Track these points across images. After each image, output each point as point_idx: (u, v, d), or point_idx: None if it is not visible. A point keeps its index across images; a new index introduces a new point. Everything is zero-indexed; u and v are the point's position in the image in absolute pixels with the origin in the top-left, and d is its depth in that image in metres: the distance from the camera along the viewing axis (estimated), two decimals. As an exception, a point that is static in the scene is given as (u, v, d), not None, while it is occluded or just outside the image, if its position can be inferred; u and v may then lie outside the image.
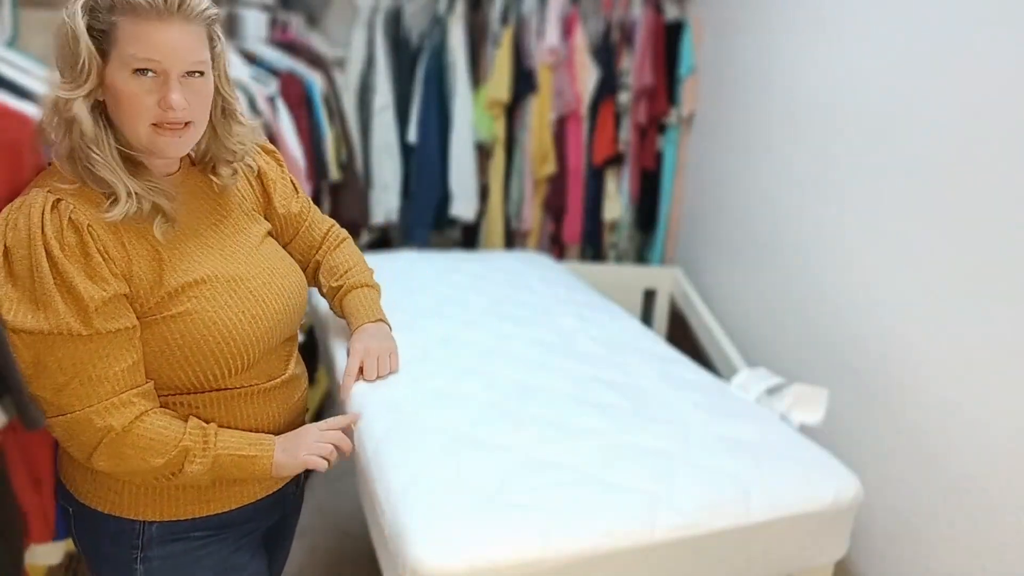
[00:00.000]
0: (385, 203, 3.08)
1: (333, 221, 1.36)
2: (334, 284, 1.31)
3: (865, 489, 1.19)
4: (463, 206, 3.07)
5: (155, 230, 0.98)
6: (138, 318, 0.97)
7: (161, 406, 1.02)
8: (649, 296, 3.01)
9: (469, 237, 3.27)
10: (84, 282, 0.91)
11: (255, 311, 1.05)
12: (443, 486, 1.05)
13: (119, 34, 0.92)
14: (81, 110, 0.93)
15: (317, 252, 1.31)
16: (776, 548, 1.12)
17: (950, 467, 1.29)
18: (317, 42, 2.95)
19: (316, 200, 2.69)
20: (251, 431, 1.09)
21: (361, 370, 1.24)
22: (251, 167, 1.18)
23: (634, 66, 2.97)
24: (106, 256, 0.94)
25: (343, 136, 2.79)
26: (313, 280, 1.33)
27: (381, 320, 1.31)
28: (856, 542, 1.46)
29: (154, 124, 0.96)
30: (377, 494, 1.06)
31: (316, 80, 2.59)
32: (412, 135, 2.99)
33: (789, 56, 2.06)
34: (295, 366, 1.18)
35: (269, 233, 1.19)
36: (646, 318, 3.01)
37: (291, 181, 1.26)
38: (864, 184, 1.61)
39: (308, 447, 1.11)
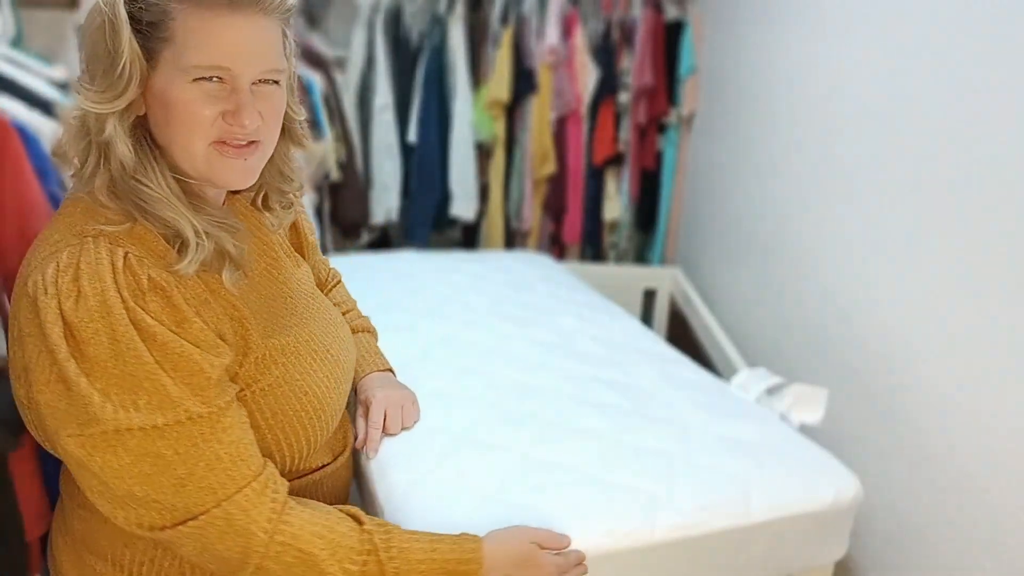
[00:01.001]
0: (385, 203, 3.07)
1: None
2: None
3: (865, 489, 1.19)
4: (463, 206, 3.07)
5: (225, 280, 0.78)
6: None
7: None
8: (649, 296, 3.01)
9: (469, 237, 3.27)
10: (194, 351, 0.72)
11: (336, 373, 0.89)
12: (443, 486, 1.05)
13: (175, 28, 0.72)
14: (117, 131, 0.73)
15: (323, 291, 1.11)
16: (776, 548, 1.12)
17: (950, 467, 1.28)
18: (317, 42, 2.95)
19: (316, 200, 2.69)
20: None
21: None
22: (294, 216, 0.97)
23: (634, 66, 2.97)
24: (199, 314, 0.75)
25: (343, 136, 2.79)
26: None
27: (390, 370, 1.15)
28: (856, 542, 1.46)
29: (215, 142, 0.76)
30: (377, 494, 1.06)
31: (316, 80, 2.59)
32: (412, 135, 2.99)
33: (789, 56, 2.06)
34: (350, 435, 1.02)
35: None
36: (646, 318, 3.01)
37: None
38: (864, 184, 1.61)
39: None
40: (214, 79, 0.74)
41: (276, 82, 0.79)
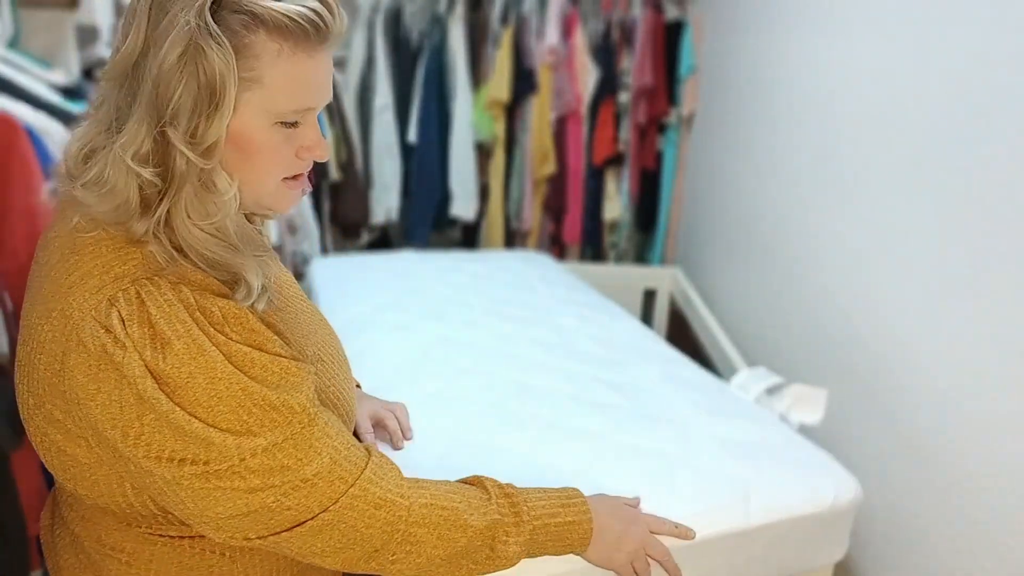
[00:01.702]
0: (385, 203, 3.08)
1: None
2: None
3: (865, 489, 1.19)
4: (463, 206, 3.07)
5: (258, 306, 0.73)
6: None
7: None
8: (649, 296, 3.01)
9: (469, 237, 3.27)
10: (284, 362, 0.71)
11: (349, 375, 0.89)
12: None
13: (263, 69, 0.66)
14: (223, 177, 0.68)
15: None
16: (776, 550, 1.12)
17: (950, 467, 1.28)
18: (317, 42, 2.95)
19: (316, 200, 2.69)
20: None
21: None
22: None
23: (634, 66, 2.97)
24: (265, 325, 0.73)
25: (343, 136, 2.79)
26: None
27: (357, 384, 1.12)
28: (856, 542, 1.46)
29: (287, 177, 0.74)
30: (377, 495, 1.06)
31: (316, 80, 2.59)
32: (412, 135, 2.99)
33: (789, 56, 2.06)
34: None
35: None
36: (646, 318, 3.01)
37: None
38: (864, 184, 1.61)
39: (634, 544, 0.90)
40: (296, 123, 0.71)
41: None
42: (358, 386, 1.13)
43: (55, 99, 1.25)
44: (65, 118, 1.21)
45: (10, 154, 1.03)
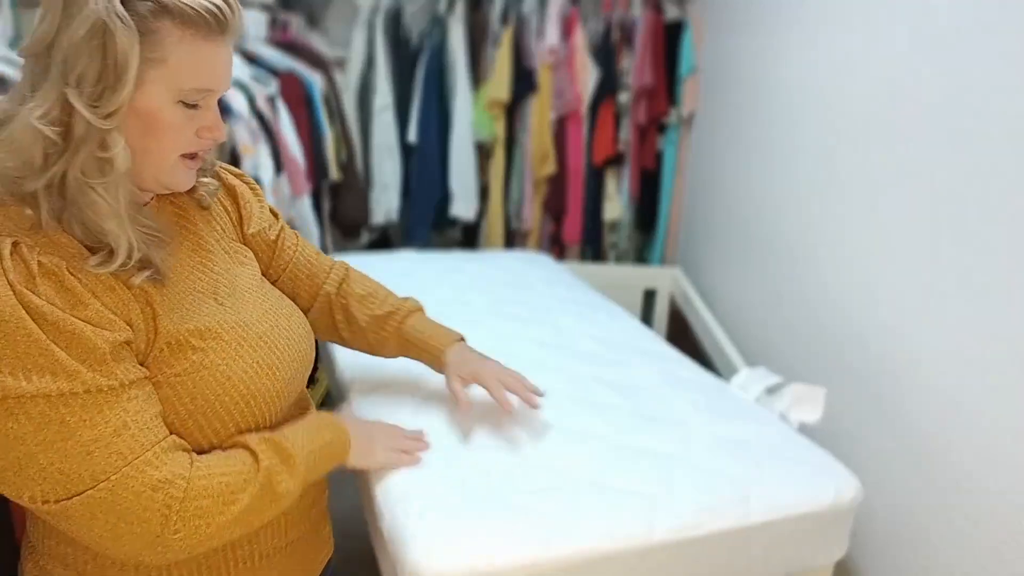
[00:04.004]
0: (385, 203, 3.08)
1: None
2: (382, 311, 1.16)
3: (865, 489, 1.19)
4: (463, 206, 3.07)
5: (134, 282, 0.79)
6: None
7: None
8: (649, 296, 3.01)
9: (469, 237, 3.27)
10: (85, 328, 0.72)
11: (270, 360, 0.89)
12: (442, 488, 1.05)
13: (168, 50, 0.74)
14: (119, 141, 0.74)
15: (326, 282, 1.14)
16: (776, 549, 1.12)
17: (950, 467, 1.28)
18: (317, 42, 2.95)
19: (316, 200, 2.69)
20: (297, 507, 0.95)
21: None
22: (220, 185, 1.00)
23: (634, 66, 2.97)
24: (97, 297, 0.75)
25: (343, 136, 2.79)
26: (325, 316, 1.15)
27: (463, 339, 1.20)
28: (856, 542, 1.46)
29: (185, 155, 0.82)
30: (376, 496, 1.06)
31: (316, 80, 2.59)
32: (412, 135, 2.99)
33: (789, 56, 2.06)
34: None
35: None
36: (646, 318, 3.01)
37: (269, 208, 1.09)
38: (864, 184, 1.61)
39: (386, 439, 1.07)
40: (197, 104, 0.79)
41: None
42: (461, 339, 1.20)
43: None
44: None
45: None
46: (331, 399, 1.63)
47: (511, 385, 1.16)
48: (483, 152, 3.11)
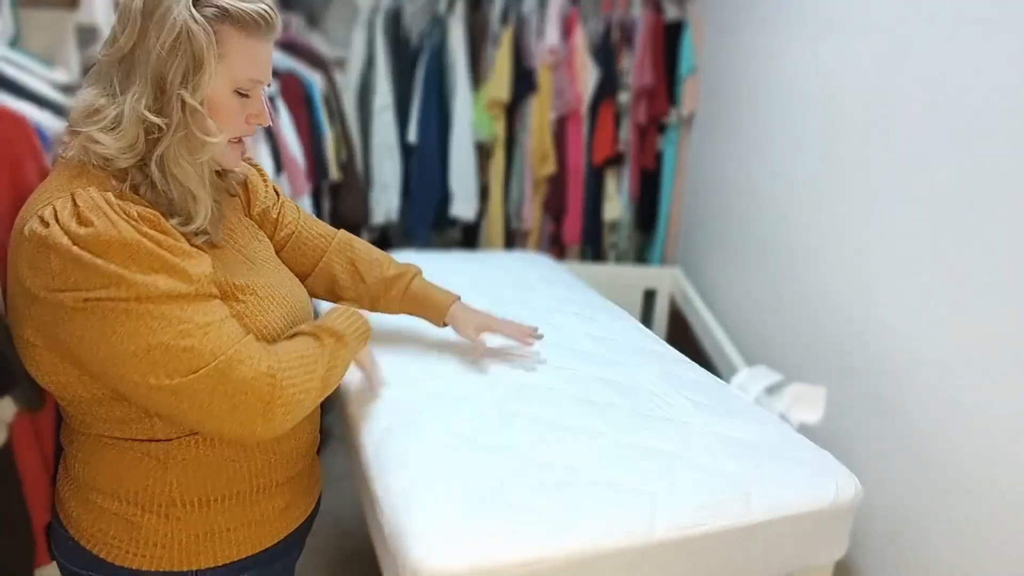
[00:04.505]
0: (385, 203, 3.08)
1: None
2: (391, 274, 1.31)
3: (865, 489, 1.19)
4: (463, 206, 3.07)
5: (195, 242, 0.95)
6: None
7: (197, 434, 0.97)
8: (649, 296, 3.01)
9: (469, 237, 3.27)
10: (190, 250, 0.88)
11: (292, 318, 1.04)
12: (443, 486, 1.05)
13: (228, 50, 0.90)
14: (211, 123, 0.90)
15: (329, 248, 1.29)
16: (776, 548, 1.12)
17: (950, 467, 1.29)
18: (317, 42, 2.95)
19: (316, 200, 2.69)
20: (290, 449, 1.07)
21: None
22: (246, 176, 1.17)
23: (634, 66, 2.97)
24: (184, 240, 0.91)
25: (343, 136, 2.79)
26: (326, 278, 1.30)
27: (460, 297, 1.37)
28: (856, 542, 1.46)
29: (234, 138, 0.97)
30: (377, 494, 1.06)
31: (316, 80, 2.59)
32: (412, 135, 2.99)
33: (789, 56, 2.06)
34: None
35: None
36: (646, 318, 3.01)
37: (273, 187, 1.24)
38: (864, 184, 1.61)
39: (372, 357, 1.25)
40: (248, 93, 0.94)
41: None
42: (459, 298, 1.36)
43: (59, 98, 1.25)
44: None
45: (24, 153, 1.04)
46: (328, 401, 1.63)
47: (515, 329, 1.39)
48: (483, 152, 3.11)
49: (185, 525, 0.98)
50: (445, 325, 1.35)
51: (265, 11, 0.92)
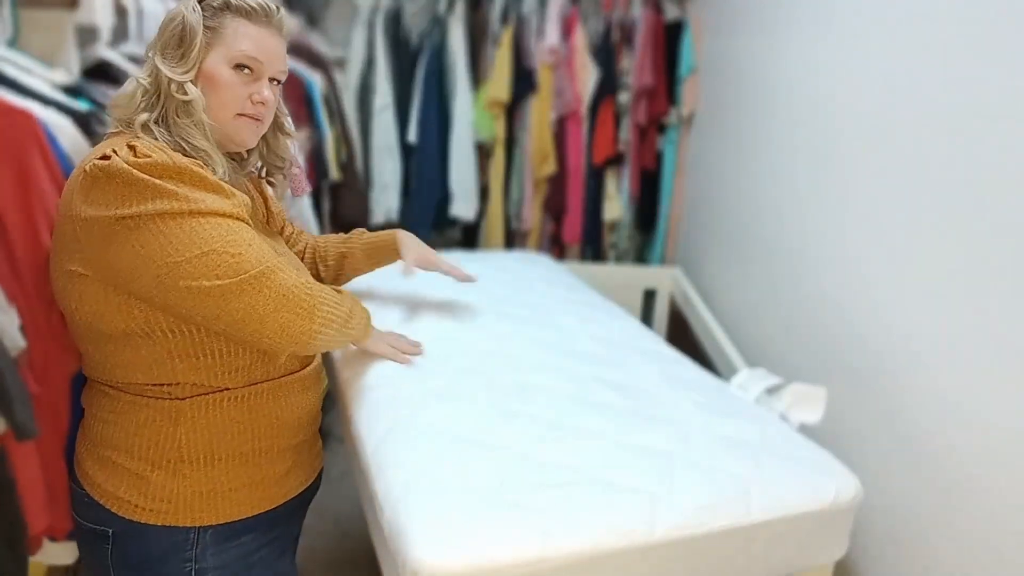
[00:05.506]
0: (385, 203, 3.08)
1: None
2: (343, 236, 1.45)
3: (865, 489, 1.19)
4: (463, 206, 3.07)
5: None
6: None
7: (208, 395, 1.06)
8: (649, 296, 3.01)
9: (469, 237, 3.27)
10: (227, 187, 1.01)
11: None
12: (443, 486, 1.05)
13: (226, 32, 1.04)
14: (194, 88, 1.03)
15: (306, 247, 1.44)
16: (776, 548, 1.12)
17: (950, 467, 1.28)
18: (317, 42, 2.95)
19: (316, 200, 2.69)
20: (293, 419, 1.15)
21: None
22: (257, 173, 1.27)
23: (634, 66, 2.97)
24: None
25: (343, 136, 2.79)
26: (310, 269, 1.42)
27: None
28: (856, 542, 1.46)
29: (239, 114, 1.07)
30: (377, 494, 1.06)
31: (316, 80, 2.59)
32: (412, 135, 2.99)
33: (789, 56, 2.06)
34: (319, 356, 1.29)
35: None
36: (646, 318, 3.01)
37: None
38: (864, 184, 1.61)
39: (389, 341, 1.34)
40: (247, 69, 1.05)
41: (279, 82, 1.12)
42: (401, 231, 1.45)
43: (61, 97, 1.26)
44: (73, 115, 1.22)
45: (31, 148, 1.05)
46: (330, 397, 1.63)
47: (453, 270, 1.49)
48: (483, 152, 3.11)
49: (191, 482, 1.05)
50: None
51: (266, 2, 1.06)
